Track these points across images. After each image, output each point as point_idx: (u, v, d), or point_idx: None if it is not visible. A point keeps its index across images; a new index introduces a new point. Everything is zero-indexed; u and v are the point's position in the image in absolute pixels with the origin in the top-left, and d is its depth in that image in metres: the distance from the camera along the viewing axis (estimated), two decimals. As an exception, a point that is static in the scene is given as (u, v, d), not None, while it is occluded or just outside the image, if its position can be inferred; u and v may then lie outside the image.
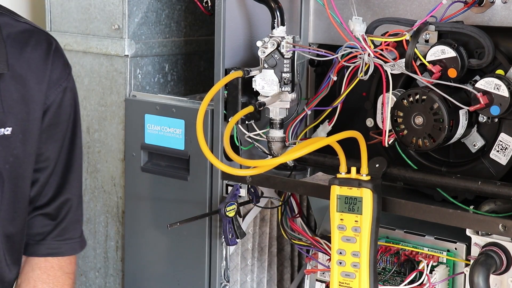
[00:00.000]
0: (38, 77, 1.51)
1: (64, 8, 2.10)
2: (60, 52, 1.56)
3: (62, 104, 1.55)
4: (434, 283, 1.55)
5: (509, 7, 1.55)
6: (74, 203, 1.60)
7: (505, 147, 1.48)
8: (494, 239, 1.47)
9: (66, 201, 1.59)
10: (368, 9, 1.72)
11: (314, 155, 1.65)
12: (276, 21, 1.66)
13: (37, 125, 1.51)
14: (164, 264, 1.91)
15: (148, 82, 2.05)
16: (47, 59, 1.52)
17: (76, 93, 1.60)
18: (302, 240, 1.78)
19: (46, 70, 1.52)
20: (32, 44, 1.51)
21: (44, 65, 1.51)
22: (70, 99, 1.56)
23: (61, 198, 1.58)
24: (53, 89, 1.53)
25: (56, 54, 1.54)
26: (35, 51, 1.51)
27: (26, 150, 1.51)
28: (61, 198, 1.58)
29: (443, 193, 1.53)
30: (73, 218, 1.60)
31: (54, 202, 1.58)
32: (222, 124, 1.74)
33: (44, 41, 1.53)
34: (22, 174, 1.51)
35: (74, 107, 1.58)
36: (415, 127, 1.48)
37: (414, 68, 1.50)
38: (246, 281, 1.90)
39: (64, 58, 1.57)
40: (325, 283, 1.72)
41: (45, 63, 1.52)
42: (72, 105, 1.57)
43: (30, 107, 1.50)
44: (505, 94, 1.42)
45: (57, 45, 1.55)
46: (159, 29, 2.06)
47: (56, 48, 1.54)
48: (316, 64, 1.79)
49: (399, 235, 1.63)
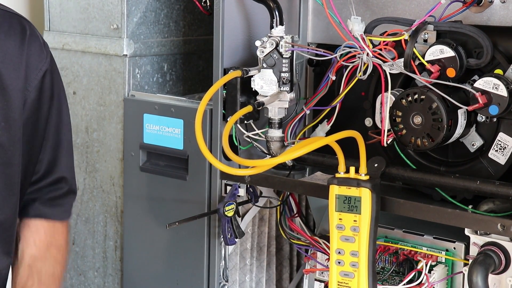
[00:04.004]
0: (14, 65, 1.47)
1: (63, 8, 2.10)
2: (35, 34, 1.51)
3: (43, 87, 1.51)
4: (432, 283, 1.55)
5: (508, 6, 1.55)
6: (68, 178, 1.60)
7: (503, 146, 1.48)
8: (492, 238, 1.47)
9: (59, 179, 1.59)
10: (367, 9, 1.72)
11: (313, 155, 1.65)
12: (275, 21, 1.66)
13: (19, 112, 1.48)
14: (163, 264, 1.91)
15: (147, 81, 2.05)
16: (23, 45, 1.48)
17: (57, 71, 1.56)
18: (301, 240, 1.78)
19: (23, 56, 1.48)
20: (5, 31, 1.47)
21: (20, 51, 1.48)
22: (50, 80, 1.53)
23: (53, 176, 1.58)
24: (33, 74, 1.49)
25: (31, 38, 1.50)
26: (8, 37, 1.47)
27: (11, 138, 1.48)
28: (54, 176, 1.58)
29: (442, 193, 1.53)
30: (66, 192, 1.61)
31: (46, 179, 1.58)
32: (221, 124, 1.74)
33: (18, 26, 1.49)
34: (9, 162, 1.49)
35: (58, 86, 1.55)
36: (414, 126, 1.48)
37: (413, 68, 1.50)
38: (245, 280, 1.90)
39: (40, 40, 1.52)
40: (324, 283, 1.72)
41: (21, 49, 1.48)
42: (53, 85, 1.54)
43: (9, 95, 1.46)
44: (504, 93, 1.42)
45: (31, 27, 1.51)
46: (158, 28, 2.06)
47: (31, 32, 1.50)
48: (315, 63, 1.79)
49: (398, 234, 1.63)
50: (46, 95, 1.54)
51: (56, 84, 1.56)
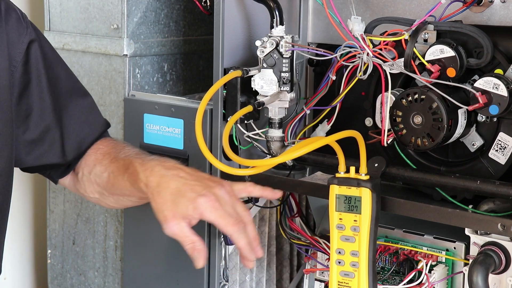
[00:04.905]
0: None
1: (63, 8, 2.10)
2: (11, 8, 1.49)
3: (29, 60, 1.49)
4: (433, 283, 1.55)
5: (508, 6, 1.55)
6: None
7: (504, 146, 1.48)
8: (493, 238, 1.47)
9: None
10: (367, 9, 1.72)
11: (313, 155, 1.65)
12: (275, 21, 1.66)
13: (7, 91, 1.46)
14: (163, 264, 1.91)
15: (147, 81, 2.05)
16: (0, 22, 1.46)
17: (43, 40, 1.53)
18: (301, 240, 1.78)
19: (2, 34, 1.46)
20: None
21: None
22: (36, 50, 1.51)
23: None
24: (16, 49, 1.47)
25: (7, 13, 1.47)
26: None
27: (1, 118, 1.47)
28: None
29: (442, 193, 1.53)
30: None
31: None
32: (221, 124, 1.74)
33: None
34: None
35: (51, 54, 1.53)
36: (414, 126, 1.48)
37: (413, 68, 1.49)
38: (245, 280, 1.90)
39: (16, 12, 1.49)
40: (324, 283, 1.72)
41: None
42: (41, 56, 1.51)
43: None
44: (504, 93, 1.42)
45: (6, 2, 1.48)
46: (158, 28, 2.06)
47: (6, 7, 1.47)
48: (315, 63, 1.79)
49: (398, 234, 1.63)
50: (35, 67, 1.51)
51: (48, 52, 1.53)
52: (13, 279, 2.47)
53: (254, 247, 1.49)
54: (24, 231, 2.48)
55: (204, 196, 1.46)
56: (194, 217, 1.46)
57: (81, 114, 1.63)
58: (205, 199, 1.45)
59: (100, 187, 1.61)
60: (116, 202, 1.64)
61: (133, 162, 1.55)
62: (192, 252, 1.46)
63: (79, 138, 1.61)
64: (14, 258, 2.46)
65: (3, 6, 1.48)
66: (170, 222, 1.45)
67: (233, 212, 1.48)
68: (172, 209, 1.45)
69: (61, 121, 1.59)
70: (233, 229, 1.46)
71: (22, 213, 2.47)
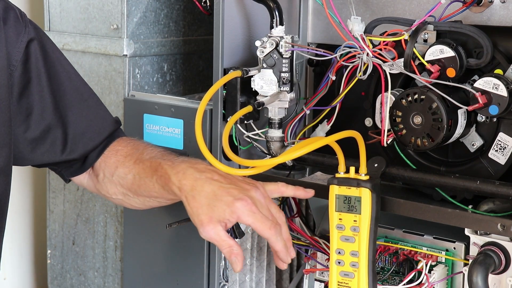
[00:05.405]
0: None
1: (63, 8, 2.10)
2: (9, 6, 1.48)
3: (29, 59, 1.49)
4: (432, 283, 1.55)
5: (508, 6, 1.55)
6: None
7: (503, 146, 1.48)
8: (493, 238, 1.47)
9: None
10: (367, 9, 1.72)
11: (313, 155, 1.65)
12: (275, 21, 1.66)
13: (5, 90, 1.46)
14: (163, 264, 1.91)
15: (146, 81, 2.05)
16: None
17: (45, 38, 1.53)
18: (301, 240, 1.78)
19: (0, 33, 1.45)
20: None
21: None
22: (36, 49, 1.50)
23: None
24: (15, 48, 1.47)
25: (5, 12, 1.47)
26: None
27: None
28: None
29: (442, 193, 1.53)
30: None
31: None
32: (221, 124, 1.74)
33: None
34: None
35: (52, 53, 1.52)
36: (414, 126, 1.48)
37: (413, 68, 1.49)
38: (245, 280, 1.90)
39: (15, 11, 1.49)
40: (324, 283, 1.72)
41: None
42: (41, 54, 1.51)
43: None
44: (504, 93, 1.42)
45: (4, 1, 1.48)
46: (158, 28, 2.06)
47: (4, 6, 1.47)
48: (315, 63, 1.79)
49: (398, 234, 1.63)
50: (35, 66, 1.50)
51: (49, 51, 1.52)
52: (13, 279, 2.47)
53: (288, 248, 1.50)
54: (24, 231, 2.48)
55: (241, 199, 1.46)
56: (231, 221, 1.47)
57: (87, 112, 1.63)
58: (242, 203, 1.46)
59: (124, 189, 1.61)
60: (142, 203, 1.64)
61: (162, 164, 1.54)
62: (229, 256, 1.46)
63: (86, 136, 1.61)
64: (14, 258, 2.46)
65: (1, 5, 1.47)
66: (207, 226, 1.46)
67: (269, 215, 1.49)
68: (208, 213, 1.46)
69: (65, 119, 1.59)
70: (270, 232, 1.47)
71: (22, 213, 2.47)
